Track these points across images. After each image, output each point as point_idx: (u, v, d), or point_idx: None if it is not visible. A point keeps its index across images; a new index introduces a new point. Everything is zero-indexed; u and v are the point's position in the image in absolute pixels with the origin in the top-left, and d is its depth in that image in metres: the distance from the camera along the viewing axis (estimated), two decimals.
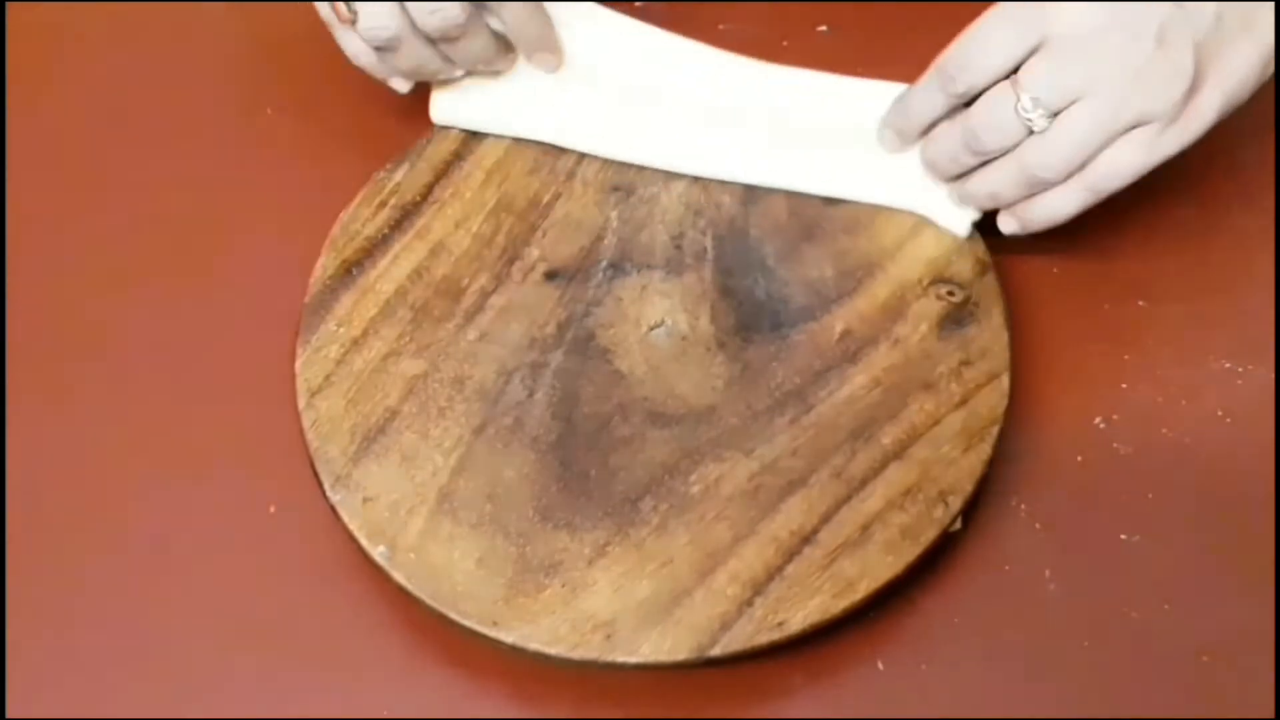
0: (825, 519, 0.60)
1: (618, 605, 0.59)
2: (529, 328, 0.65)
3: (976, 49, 0.61)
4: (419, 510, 0.61)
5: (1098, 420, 0.65)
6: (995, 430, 0.62)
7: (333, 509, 0.61)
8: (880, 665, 0.61)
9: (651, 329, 0.65)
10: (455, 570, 0.60)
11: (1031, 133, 0.60)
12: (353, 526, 0.61)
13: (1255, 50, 0.59)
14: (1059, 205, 0.62)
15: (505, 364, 0.64)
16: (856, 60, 0.74)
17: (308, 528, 0.63)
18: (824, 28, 0.76)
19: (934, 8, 0.76)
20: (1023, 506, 0.63)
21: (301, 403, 0.63)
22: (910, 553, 0.59)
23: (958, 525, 0.61)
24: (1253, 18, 0.59)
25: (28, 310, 0.69)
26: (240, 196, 0.71)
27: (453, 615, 0.59)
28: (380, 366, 0.64)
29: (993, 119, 0.61)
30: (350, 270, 0.67)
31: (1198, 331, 0.67)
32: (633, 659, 0.58)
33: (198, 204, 0.72)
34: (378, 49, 0.63)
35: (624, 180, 0.69)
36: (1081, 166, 0.60)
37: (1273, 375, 0.65)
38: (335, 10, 0.61)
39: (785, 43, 0.75)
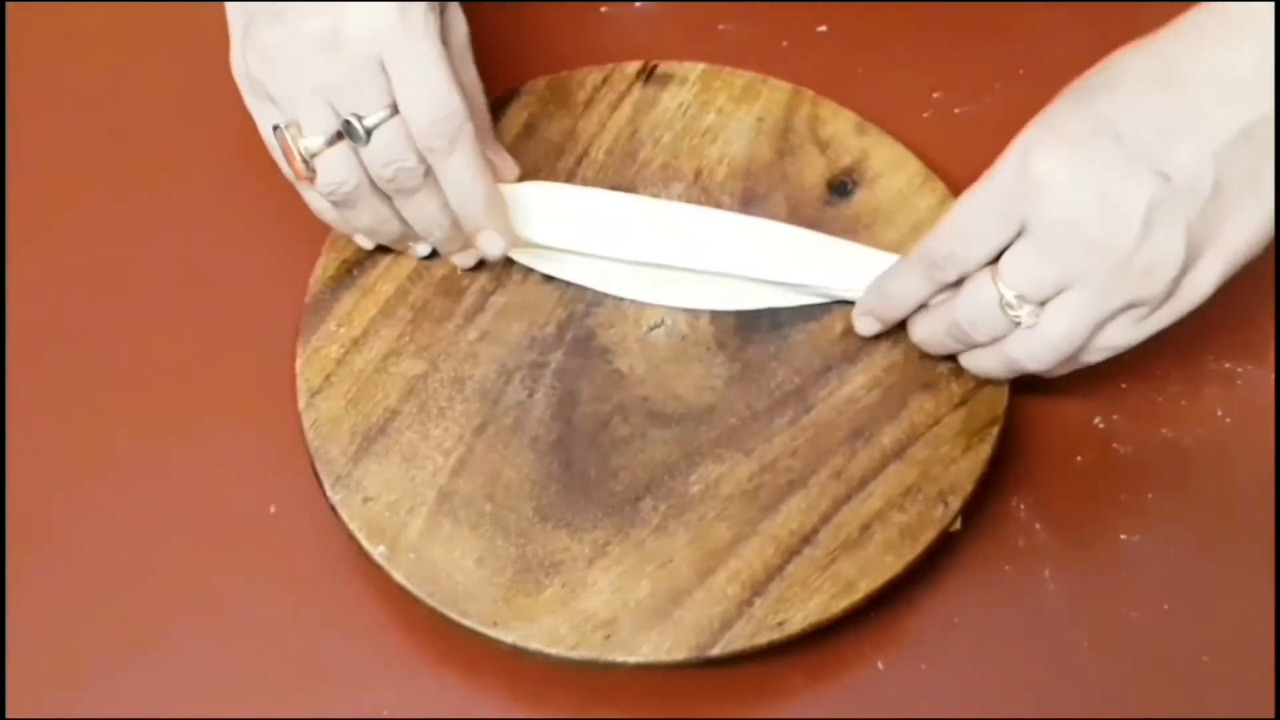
0: (825, 519, 0.60)
1: (618, 605, 0.59)
2: (529, 328, 0.65)
3: (959, 239, 0.58)
4: (419, 510, 0.61)
5: (1098, 420, 0.65)
6: (995, 430, 0.62)
7: (333, 509, 0.61)
8: (880, 665, 0.61)
9: (651, 329, 0.65)
10: (455, 570, 0.60)
11: (1018, 324, 0.57)
12: (353, 526, 0.61)
13: (1258, 213, 0.55)
14: (1049, 371, 0.60)
15: (505, 364, 0.64)
16: (856, 60, 0.74)
17: (308, 528, 0.63)
18: (824, 28, 0.76)
19: (934, 8, 0.76)
20: (1023, 506, 0.63)
21: (301, 403, 0.63)
22: (910, 553, 0.59)
23: (958, 525, 0.61)
24: (1258, 179, 0.54)
25: (27, 310, 0.69)
26: (240, 196, 0.71)
27: (453, 615, 0.59)
28: (380, 366, 0.64)
29: (978, 313, 0.58)
30: (350, 270, 0.67)
31: (1198, 331, 0.66)
32: (633, 659, 0.58)
33: (198, 204, 0.72)
34: (337, 204, 0.63)
35: (624, 181, 0.69)
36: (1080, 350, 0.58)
37: (1273, 375, 0.65)
38: (294, 168, 0.61)
39: (785, 43, 0.75)
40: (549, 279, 0.66)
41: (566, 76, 0.72)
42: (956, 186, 0.67)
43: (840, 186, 0.68)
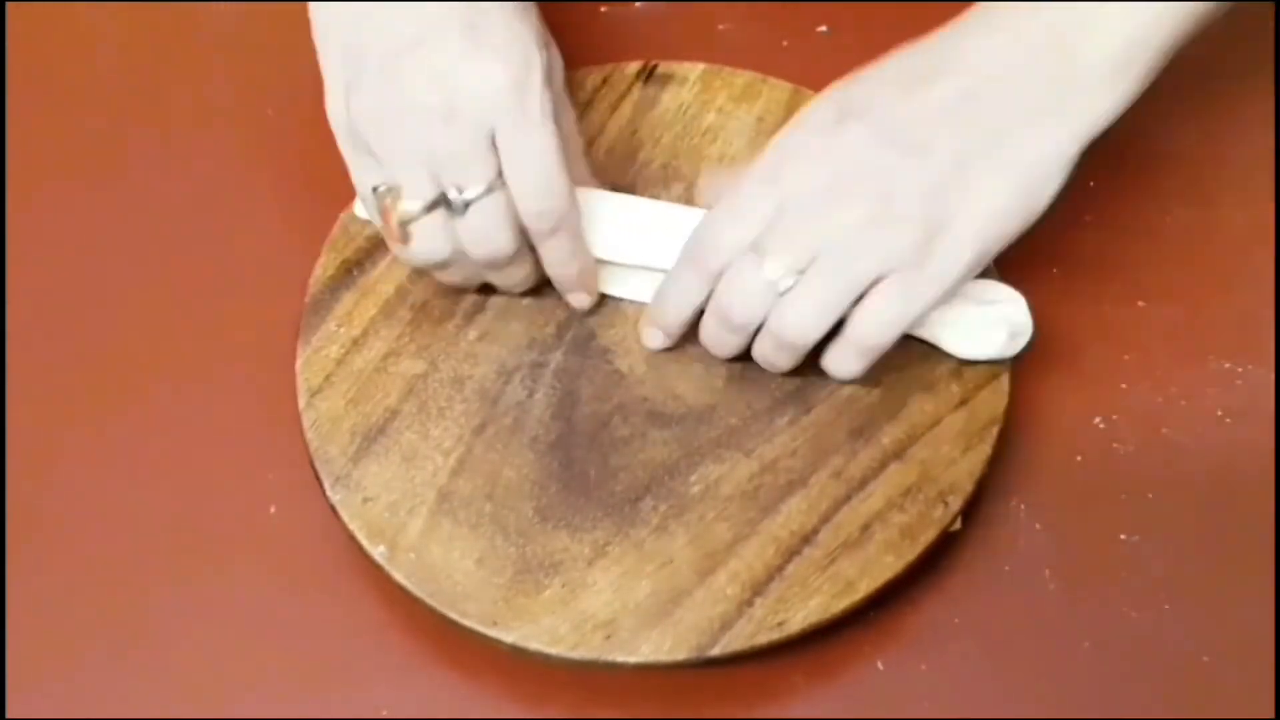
0: (825, 519, 0.60)
1: (618, 605, 0.59)
2: (529, 327, 0.65)
3: (721, 223, 0.60)
4: (419, 510, 0.61)
5: (1098, 420, 0.65)
6: (995, 430, 0.62)
7: (333, 509, 0.61)
8: (880, 665, 0.61)
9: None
10: (455, 570, 0.60)
11: (779, 294, 0.59)
12: (353, 526, 0.61)
13: (1011, 182, 0.57)
14: (843, 366, 0.61)
15: (505, 364, 0.64)
16: (856, 60, 0.74)
17: (308, 528, 0.63)
18: (824, 28, 0.76)
19: (934, 8, 0.76)
20: (1023, 506, 0.63)
21: (301, 403, 0.63)
22: (910, 553, 0.59)
23: (958, 525, 0.61)
24: (1004, 151, 0.57)
25: (28, 310, 0.69)
26: (240, 196, 0.71)
27: (453, 615, 0.59)
28: (380, 366, 0.64)
29: (738, 291, 0.59)
30: (350, 270, 0.67)
31: (1198, 331, 0.67)
32: (633, 659, 0.58)
33: (198, 204, 0.72)
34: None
35: (624, 181, 0.69)
36: (838, 327, 0.59)
37: (1273, 375, 0.65)
38: (389, 229, 0.60)
39: (785, 43, 0.75)
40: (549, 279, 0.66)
41: (567, 77, 0.71)
42: None
43: None
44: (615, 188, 0.68)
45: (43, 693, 0.61)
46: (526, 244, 0.62)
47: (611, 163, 0.69)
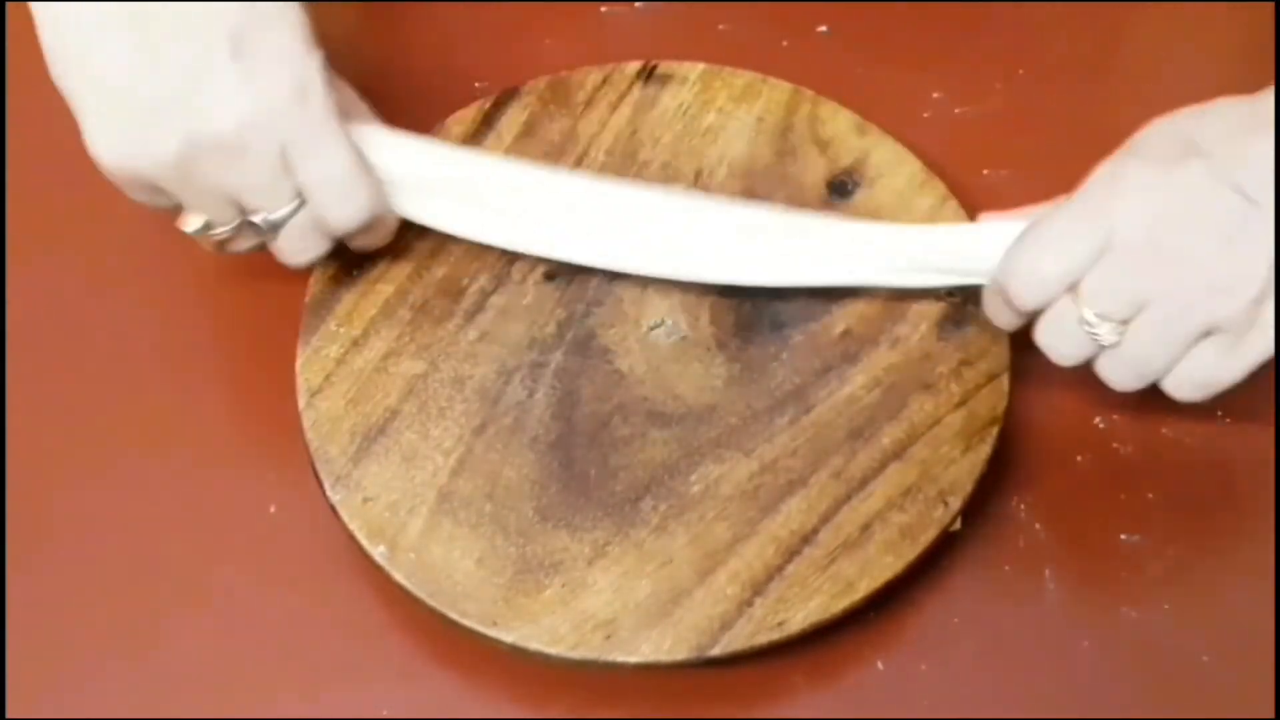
0: (825, 519, 0.60)
1: (618, 605, 0.59)
2: (529, 328, 0.65)
3: (1041, 254, 0.57)
4: (419, 510, 0.61)
5: (1098, 420, 0.65)
6: (995, 430, 0.62)
7: (333, 509, 0.61)
8: (880, 665, 0.61)
9: (652, 329, 0.65)
10: (455, 570, 0.60)
11: (1101, 344, 0.57)
12: (353, 526, 0.61)
13: None
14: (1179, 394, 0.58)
15: (505, 364, 0.64)
16: (856, 60, 0.74)
17: (308, 528, 0.63)
18: (824, 28, 0.76)
19: (934, 8, 0.76)
20: (1023, 506, 0.63)
21: (301, 403, 0.63)
22: (910, 553, 0.59)
23: (958, 525, 0.61)
24: None
25: (28, 310, 0.69)
26: None
27: (453, 615, 0.59)
28: (380, 366, 0.64)
29: (1059, 339, 0.58)
30: (350, 270, 0.66)
31: None
32: (633, 659, 0.58)
33: None
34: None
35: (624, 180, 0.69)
36: (1164, 373, 0.57)
37: (1273, 375, 0.65)
38: (208, 248, 0.62)
39: (785, 43, 0.75)
40: (549, 278, 0.66)
41: (566, 76, 0.72)
42: (956, 186, 0.68)
43: (840, 186, 0.68)
44: None
45: (43, 693, 0.61)
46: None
47: (611, 163, 0.69)
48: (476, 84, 0.73)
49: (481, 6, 0.77)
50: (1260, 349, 0.56)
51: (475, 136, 0.70)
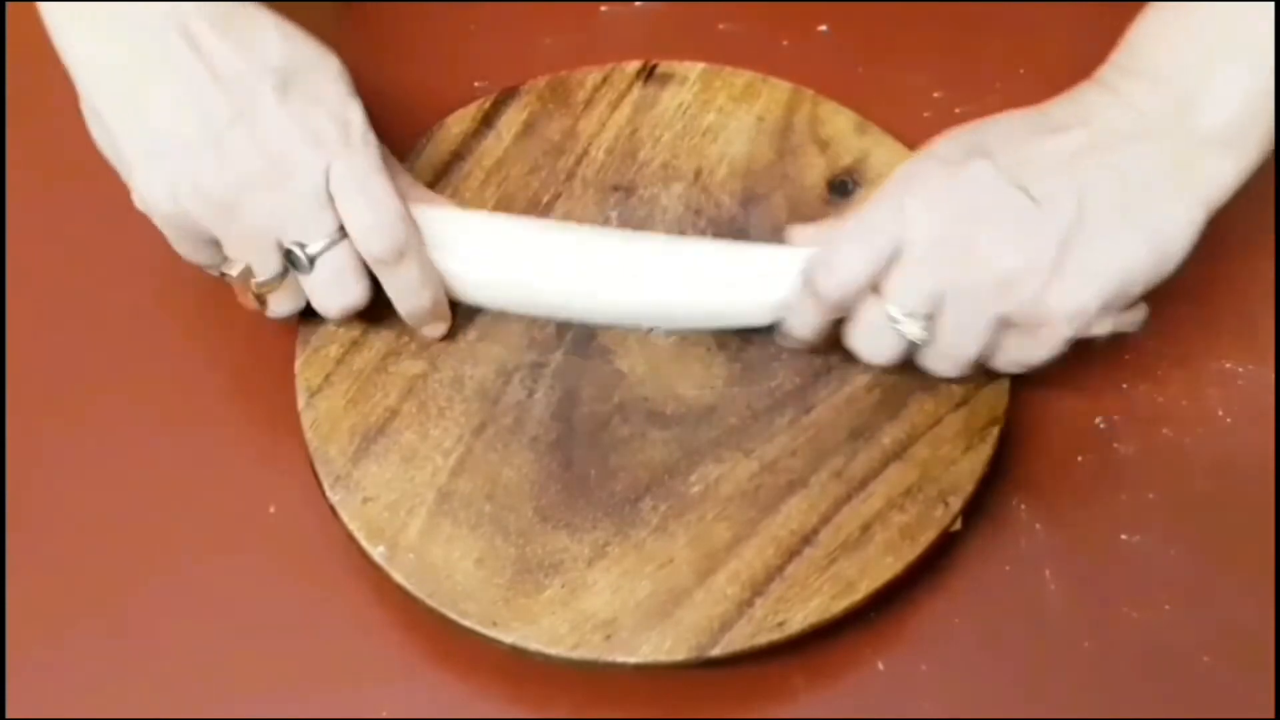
0: (825, 519, 0.60)
1: (618, 605, 0.59)
2: (529, 327, 0.65)
3: (842, 254, 0.59)
4: (419, 510, 0.61)
5: (1098, 420, 0.65)
6: (995, 430, 0.62)
7: (333, 509, 0.61)
8: (880, 665, 0.61)
9: (651, 329, 0.65)
10: (455, 570, 0.60)
11: (911, 340, 0.59)
12: (352, 526, 0.61)
13: (1135, 243, 0.57)
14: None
15: (505, 364, 0.64)
16: (856, 60, 0.74)
17: (308, 528, 0.63)
18: (824, 28, 0.76)
19: (934, 8, 0.76)
20: (1023, 506, 0.63)
21: (301, 403, 0.63)
22: (910, 553, 0.59)
23: (958, 525, 0.61)
24: (1129, 212, 0.57)
25: (28, 310, 0.69)
26: None
27: (452, 615, 0.59)
28: (380, 366, 0.64)
29: (870, 339, 0.60)
30: None
31: (1198, 331, 0.67)
32: (633, 659, 0.58)
33: None
34: None
35: (624, 180, 0.69)
36: (984, 359, 0.60)
37: (1273, 375, 0.65)
38: (245, 299, 0.62)
39: (785, 42, 0.75)
40: None
41: (566, 76, 0.72)
42: None
43: (841, 186, 0.68)
44: (616, 187, 0.68)
45: (43, 693, 0.61)
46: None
47: (611, 162, 0.69)
48: (476, 84, 0.73)
49: (481, 6, 0.77)
50: (1055, 340, 0.58)
51: (475, 136, 0.70)
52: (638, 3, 0.75)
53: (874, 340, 0.60)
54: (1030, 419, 0.65)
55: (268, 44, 0.60)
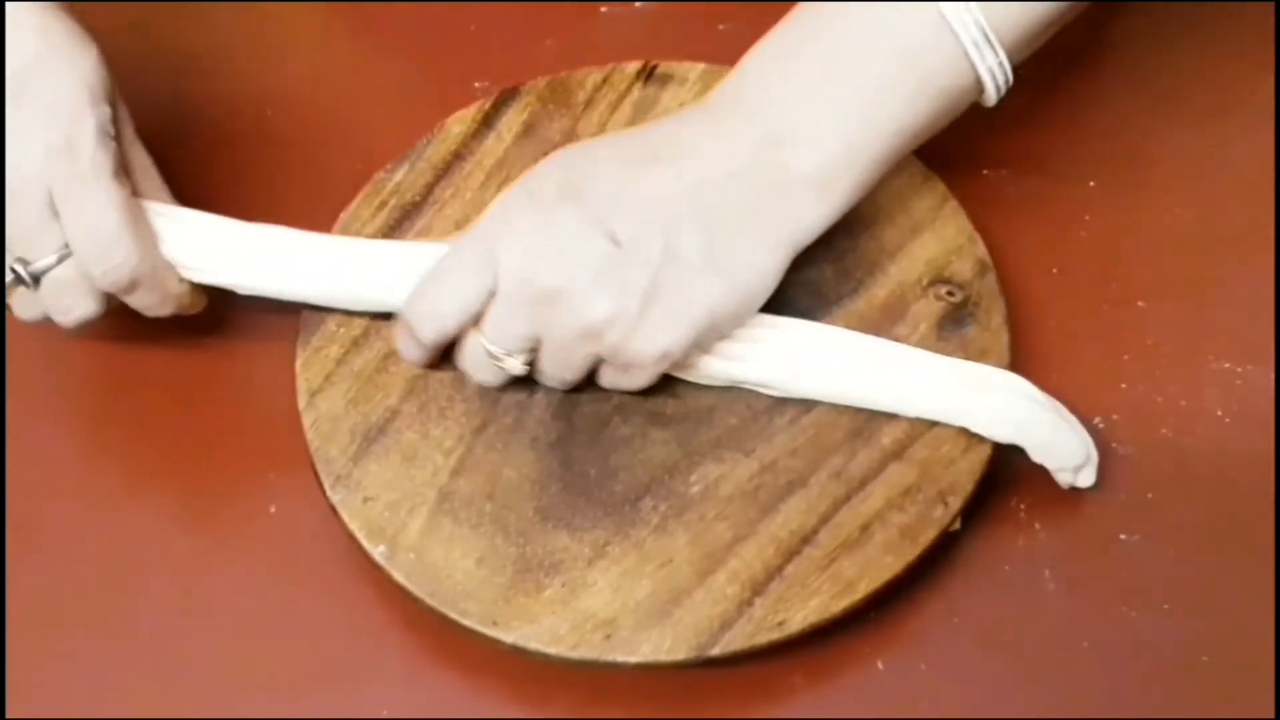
0: (825, 519, 0.60)
1: (618, 605, 0.59)
2: None
3: (428, 311, 0.60)
4: (419, 510, 0.61)
5: (1097, 420, 0.65)
6: None
7: (333, 509, 0.61)
8: (880, 665, 0.61)
9: None
10: (455, 570, 0.60)
11: (511, 372, 0.61)
12: (353, 526, 0.61)
13: (722, 286, 0.58)
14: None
15: None
16: None
17: (308, 528, 0.63)
18: None
19: None
20: (1023, 506, 0.63)
21: (301, 403, 0.63)
22: (910, 553, 0.59)
23: (958, 525, 0.61)
24: (713, 255, 0.58)
25: None
26: (241, 195, 0.71)
27: (453, 615, 0.59)
28: (380, 366, 0.64)
29: (475, 368, 0.62)
30: None
31: (1198, 331, 0.67)
32: (633, 659, 0.58)
33: (197, 203, 0.72)
34: None
35: None
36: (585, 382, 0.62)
37: (1273, 375, 0.65)
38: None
39: None
40: None
41: (566, 76, 0.72)
42: (957, 186, 0.68)
43: None
44: None
45: (43, 693, 0.61)
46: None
47: None
48: (476, 84, 0.73)
49: (481, 6, 0.77)
50: (646, 376, 0.60)
51: (475, 136, 0.70)
52: (638, 3, 0.75)
53: (479, 369, 0.62)
54: None
55: (19, 45, 0.59)
